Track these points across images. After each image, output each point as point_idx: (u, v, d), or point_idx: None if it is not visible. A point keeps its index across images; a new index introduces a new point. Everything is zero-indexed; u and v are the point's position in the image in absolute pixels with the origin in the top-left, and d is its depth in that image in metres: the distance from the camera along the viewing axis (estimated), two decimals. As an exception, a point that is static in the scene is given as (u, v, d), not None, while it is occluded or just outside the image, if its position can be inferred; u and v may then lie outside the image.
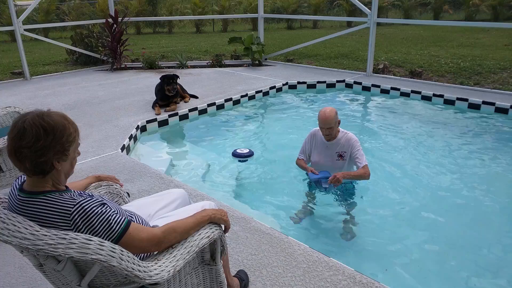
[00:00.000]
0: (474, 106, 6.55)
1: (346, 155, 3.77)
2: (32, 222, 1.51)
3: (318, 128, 3.86)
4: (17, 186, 1.68)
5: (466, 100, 6.64)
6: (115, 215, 1.65)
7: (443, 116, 6.41)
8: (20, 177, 1.75)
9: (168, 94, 6.31)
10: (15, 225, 1.46)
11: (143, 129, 5.78)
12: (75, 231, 1.55)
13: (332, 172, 3.79)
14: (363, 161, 3.71)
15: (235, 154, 5.06)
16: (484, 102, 6.47)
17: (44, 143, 1.56)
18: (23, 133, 1.54)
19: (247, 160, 4.97)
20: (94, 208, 1.59)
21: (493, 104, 6.38)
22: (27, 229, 1.46)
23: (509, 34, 13.97)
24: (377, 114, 6.75)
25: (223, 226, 1.98)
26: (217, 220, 1.94)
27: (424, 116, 6.46)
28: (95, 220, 1.58)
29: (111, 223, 1.61)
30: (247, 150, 5.09)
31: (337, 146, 3.78)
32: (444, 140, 5.47)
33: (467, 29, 15.88)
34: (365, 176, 3.69)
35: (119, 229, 1.63)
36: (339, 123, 3.76)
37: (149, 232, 1.72)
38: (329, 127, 3.64)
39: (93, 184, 2.31)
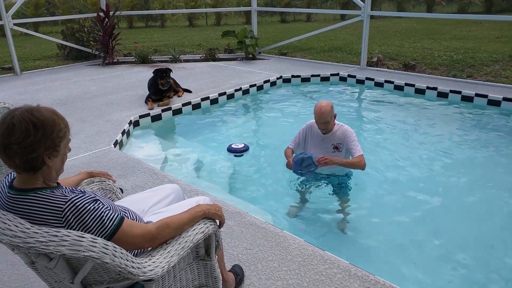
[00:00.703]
0: (467, 99, 6.56)
1: (342, 147, 3.76)
2: (23, 220, 1.48)
3: (313, 121, 3.85)
4: (7, 184, 1.65)
5: (459, 92, 6.65)
6: (108, 211, 1.62)
7: (437, 109, 6.42)
8: (9, 174, 1.71)
9: (162, 88, 6.27)
10: (5, 223, 1.43)
11: (136, 124, 5.74)
12: (67, 228, 1.52)
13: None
14: (358, 151, 3.65)
15: (230, 150, 5.00)
16: (477, 95, 6.48)
17: (34, 139, 1.53)
18: (12, 129, 1.51)
19: (242, 155, 4.93)
20: (87, 205, 1.57)
21: (485, 96, 6.39)
22: (17, 226, 1.44)
23: (501, 27, 14.03)
24: (371, 107, 6.75)
25: (217, 221, 1.96)
26: (212, 215, 1.92)
27: (418, 109, 6.47)
28: (87, 217, 1.55)
29: (104, 219, 1.59)
30: (242, 145, 5.04)
31: (332, 138, 3.77)
32: (438, 132, 5.48)
33: (460, 22, 15.93)
34: (359, 165, 3.60)
35: (112, 226, 1.61)
36: (335, 117, 3.74)
37: (142, 228, 1.70)
38: (324, 121, 3.63)
39: (86, 180, 2.28)
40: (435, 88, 6.91)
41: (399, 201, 3.97)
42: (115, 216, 1.64)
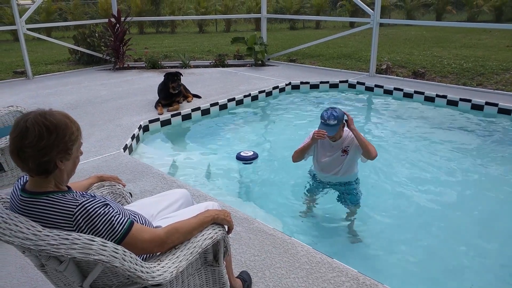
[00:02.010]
0: (477, 107, 6.52)
1: (350, 149, 3.75)
2: (35, 223, 1.50)
3: None
4: (19, 187, 1.66)
5: (469, 101, 6.62)
6: (118, 215, 1.63)
7: (446, 117, 6.39)
8: (22, 178, 1.73)
9: (172, 92, 6.30)
10: (17, 225, 1.45)
11: (145, 129, 5.77)
12: (77, 232, 1.53)
13: (333, 166, 3.80)
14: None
15: (239, 157, 4.95)
16: (487, 103, 6.44)
17: (47, 142, 1.55)
18: (26, 133, 1.53)
19: (251, 163, 4.91)
20: (97, 209, 1.58)
21: (496, 105, 6.35)
22: (29, 229, 1.45)
23: (511, 35, 13.94)
24: (380, 114, 6.73)
25: (226, 227, 1.97)
26: (220, 220, 1.92)
27: (427, 117, 6.44)
28: (97, 221, 1.57)
29: (114, 224, 1.60)
30: (251, 153, 4.99)
31: (342, 143, 3.76)
32: (447, 141, 5.45)
33: (470, 30, 15.86)
34: (372, 150, 3.55)
35: (122, 230, 1.62)
36: (343, 127, 3.73)
37: (151, 233, 1.71)
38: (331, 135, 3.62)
39: (96, 185, 2.30)
40: (444, 96, 6.88)
41: (408, 209, 3.94)
42: (125, 220, 1.65)
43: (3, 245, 2.82)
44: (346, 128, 3.80)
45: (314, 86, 8.05)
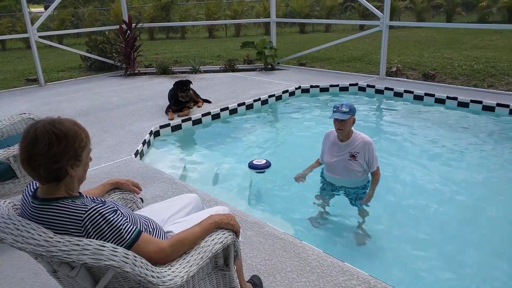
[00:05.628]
0: (488, 108, 6.46)
1: (359, 156, 3.73)
2: (46, 229, 1.52)
3: (333, 129, 3.84)
4: (30, 193, 1.69)
5: (480, 102, 6.56)
6: (126, 223, 1.65)
7: (457, 119, 6.33)
8: (31, 183, 1.75)
9: (181, 100, 6.34)
10: (29, 232, 1.47)
11: (156, 134, 5.81)
12: (86, 238, 1.55)
13: (341, 168, 3.81)
14: (376, 163, 3.78)
15: (251, 166, 4.83)
16: (498, 104, 6.38)
17: (57, 150, 1.57)
18: (36, 141, 1.55)
19: (264, 172, 4.81)
20: (106, 215, 1.60)
21: (507, 106, 6.28)
22: (41, 235, 1.47)
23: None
24: (390, 117, 6.70)
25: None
26: (225, 225, 1.93)
27: (438, 119, 6.39)
28: (105, 227, 1.58)
29: (122, 231, 1.62)
30: (264, 161, 4.87)
31: (350, 146, 3.73)
32: (459, 143, 5.40)
33: (481, 31, 15.72)
34: (378, 180, 3.82)
35: (129, 239, 1.63)
36: (354, 122, 3.72)
37: (157, 246, 1.72)
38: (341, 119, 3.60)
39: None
40: (455, 98, 6.82)
41: (419, 212, 3.91)
42: (133, 229, 1.66)
43: (16, 251, 2.85)
44: (356, 131, 3.79)
45: (324, 90, 8.03)
